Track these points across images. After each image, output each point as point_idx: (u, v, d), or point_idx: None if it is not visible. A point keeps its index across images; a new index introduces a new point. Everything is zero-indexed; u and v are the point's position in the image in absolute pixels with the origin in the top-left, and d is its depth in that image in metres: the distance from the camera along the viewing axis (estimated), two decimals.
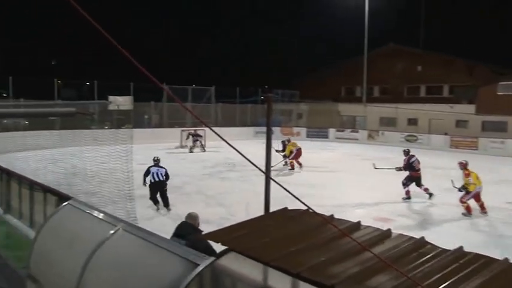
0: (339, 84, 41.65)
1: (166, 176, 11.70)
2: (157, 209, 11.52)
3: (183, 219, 5.62)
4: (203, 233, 4.85)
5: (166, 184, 11.71)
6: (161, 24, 64.04)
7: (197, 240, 4.63)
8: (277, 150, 17.50)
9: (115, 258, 3.78)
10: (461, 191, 11.60)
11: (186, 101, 30.99)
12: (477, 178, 11.59)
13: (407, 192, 13.32)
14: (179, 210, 10.38)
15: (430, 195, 13.16)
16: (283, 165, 18.57)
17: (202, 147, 25.66)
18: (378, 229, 3.96)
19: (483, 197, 11.65)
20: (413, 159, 13.47)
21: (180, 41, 59.44)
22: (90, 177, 12.28)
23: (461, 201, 11.55)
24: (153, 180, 11.61)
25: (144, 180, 11.76)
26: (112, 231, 3.96)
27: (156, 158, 12.25)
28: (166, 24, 63.31)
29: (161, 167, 11.88)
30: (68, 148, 16.28)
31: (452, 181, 11.91)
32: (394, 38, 38.18)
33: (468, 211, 11.49)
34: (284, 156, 18.69)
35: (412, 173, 13.32)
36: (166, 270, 3.35)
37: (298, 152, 18.69)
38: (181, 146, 26.50)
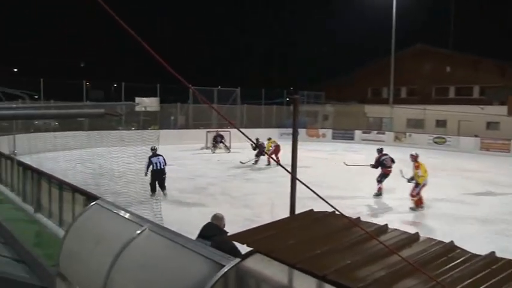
0: (365, 85, 41.27)
1: (165, 162, 12.97)
2: (151, 195, 12.38)
3: (208, 220, 5.64)
4: (228, 234, 4.85)
5: (165, 172, 12.94)
6: (185, 24, 64.60)
7: (222, 241, 4.64)
8: (254, 148, 19.22)
9: (141, 258, 3.82)
10: (410, 182, 12.18)
11: (212, 102, 31.18)
12: (425, 171, 12.17)
13: (379, 189, 13.95)
14: (204, 211, 10.45)
15: (377, 194, 13.83)
16: (253, 163, 20.00)
17: (227, 147, 25.79)
18: (405, 232, 3.89)
19: None
20: (384, 157, 14.33)
21: (205, 43, 59.91)
22: (117, 177, 12.46)
23: (411, 195, 12.01)
24: (155, 168, 12.78)
25: (147, 171, 12.79)
26: (138, 231, 4.00)
27: (153, 147, 13.07)
28: (190, 24, 63.85)
29: (159, 155, 13.01)
30: (95, 148, 16.57)
31: (401, 171, 11.90)
32: (422, 38, 37.68)
33: (417, 204, 11.84)
34: (258, 153, 20.03)
35: (384, 170, 14.08)
36: (192, 270, 3.36)
37: (276, 149, 19.90)
38: (207, 147, 26.67)
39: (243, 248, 3.60)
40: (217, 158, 23.09)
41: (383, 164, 14.17)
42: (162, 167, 12.88)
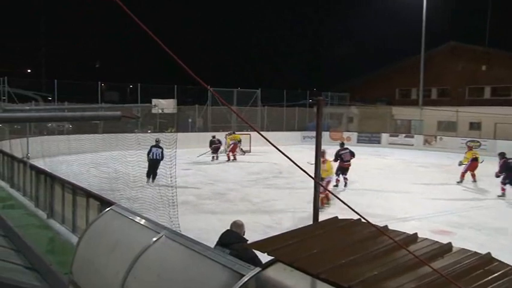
0: (393, 86, 40.89)
1: (162, 155, 15.04)
2: (147, 181, 14.52)
3: (228, 228, 5.65)
4: (248, 242, 4.85)
5: (159, 162, 14.98)
6: (203, 23, 64.97)
7: (242, 249, 4.63)
8: (214, 147, 22.42)
9: (157, 266, 3.84)
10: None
11: (232, 104, 31.29)
12: (331, 168, 13.20)
13: (337, 181, 15.54)
14: (223, 218, 10.47)
15: (338, 185, 15.53)
16: (211, 160, 22.10)
17: (242, 150, 25.92)
18: (437, 242, 3.82)
19: None
20: (343, 152, 16.01)
21: (224, 42, 60.17)
22: (133, 182, 12.59)
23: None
24: (152, 158, 15.18)
25: (148, 157, 15.16)
26: (155, 238, 4.02)
27: (157, 139, 15.78)
28: (209, 22, 64.18)
29: (160, 147, 15.33)
30: (110, 152, 16.77)
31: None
32: (455, 35, 37.18)
33: (322, 202, 11.76)
34: (214, 150, 23.12)
35: (341, 164, 15.74)
36: (210, 280, 3.37)
37: (235, 146, 23.55)
38: (225, 151, 26.76)
39: (264, 257, 3.59)
40: (237, 162, 23.14)
41: (341, 158, 15.77)
42: (158, 157, 15.10)
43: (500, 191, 14.32)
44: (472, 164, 16.80)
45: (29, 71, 50.94)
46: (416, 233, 4.00)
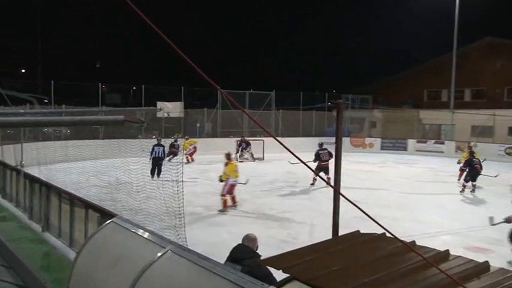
0: (421, 87, 40.70)
1: (164, 153, 18.27)
2: (151, 178, 16.57)
3: (239, 242, 5.64)
4: (261, 257, 4.84)
5: (163, 159, 18.05)
6: (213, 21, 65.25)
7: (255, 265, 4.63)
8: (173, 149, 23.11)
9: (163, 283, 3.85)
10: (221, 181, 14.06)
11: (244, 107, 31.34)
12: (234, 171, 14.13)
13: (314, 179, 17.67)
14: (234, 231, 10.47)
15: (311, 184, 17.84)
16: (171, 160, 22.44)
17: (252, 157, 25.98)
18: (472, 260, 3.77)
19: None
20: (322, 151, 18.39)
21: (235, 40, 60.33)
22: (136, 192, 12.64)
23: (221, 195, 13.75)
24: (155, 156, 17.97)
25: (150, 156, 17.74)
26: (160, 254, 4.03)
27: (159, 138, 19.15)
28: (219, 20, 64.43)
29: (162, 146, 18.43)
30: (112, 159, 16.87)
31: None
32: (491, 30, 36.81)
33: (225, 205, 13.53)
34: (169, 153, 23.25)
35: (319, 164, 17.92)
36: None
37: (195, 150, 25.87)
38: (237, 159, 26.83)
39: (279, 274, 3.58)
40: (249, 171, 23.14)
41: (319, 158, 18.08)
42: (161, 155, 18.11)
43: (462, 186, 17.22)
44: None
45: (23, 71, 51.53)
46: (447, 250, 3.96)
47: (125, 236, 4.69)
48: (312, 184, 17.80)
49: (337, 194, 6.11)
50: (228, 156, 14.83)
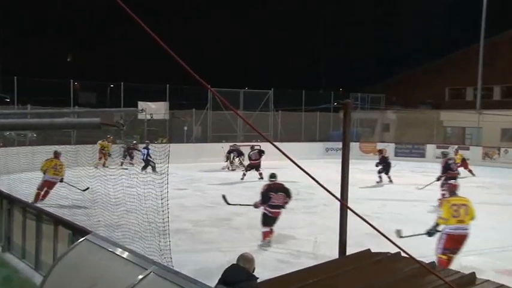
0: (442, 85, 40.81)
1: (148, 155, 22.55)
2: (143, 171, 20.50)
3: (233, 262, 5.64)
4: (259, 280, 4.84)
5: (150, 160, 22.29)
6: (204, 10, 65.08)
7: None
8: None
9: None
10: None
11: (238, 108, 31.37)
12: (52, 167, 15.83)
13: (244, 175, 23.16)
14: (227, 250, 10.45)
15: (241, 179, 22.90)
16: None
17: (242, 164, 26.18)
18: (503, 286, 3.79)
19: None
20: (252, 151, 24.00)
21: (228, 32, 60.16)
22: (114, 205, 12.60)
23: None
24: (143, 158, 23.00)
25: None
26: (141, 276, 4.03)
27: (146, 141, 24.30)
28: (209, 9, 64.21)
29: (149, 149, 22.57)
30: (86, 168, 16.83)
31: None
32: None
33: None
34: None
35: (251, 162, 23.88)
36: None
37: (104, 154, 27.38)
38: (228, 167, 26.87)
39: None
40: (245, 182, 23.17)
41: (250, 158, 24.07)
42: (145, 158, 22.84)
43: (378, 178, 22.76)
44: (464, 164, 24.58)
45: None
46: (473, 273, 3.98)
47: (101, 256, 4.68)
48: (242, 179, 22.98)
49: (344, 208, 6.13)
50: (55, 154, 16.61)
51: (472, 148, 33.06)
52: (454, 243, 9.41)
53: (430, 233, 9.92)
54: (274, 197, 12.50)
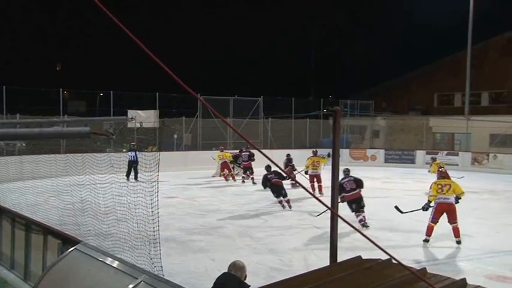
0: (431, 91, 41.03)
1: (136, 157, 22.27)
2: (127, 179, 21.12)
3: (224, 270, 5.63)
4: None
5: (137, 163, 21.63)
6: (192, 18, 64.98)
7: None
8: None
9: None
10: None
11: (227, 116, 31.37)
12: None
13: (243, 177, 24.74)
14: (218, 258, 10.43)
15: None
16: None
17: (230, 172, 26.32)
18: None
19: None
20: (243, 153, 25.01)
21: (217, 40, 60.15)
22: (104, 214, 12.56)
23: None
24: (130, 160, 22.82)
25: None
26: (131, 285, 4.02)
27: (132, 143, 24.44)
28: (198, 17, 64.20)
29: (134, 151, 23.22)
30: (75, 177, 16.75)
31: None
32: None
33: None
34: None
35: (243, 165, 25.05)
36: None
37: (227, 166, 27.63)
38: (220, 174, 26.82)
39: None
40: (234, 188, 23.16)
41: (242, 160, 25.14)
42: (134, 159, 22.59)
43: None
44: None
45: None
46: (464, 279, 3.99)
47: (91, 265, 4.67)
48: (226, 180, 25.18)
49: (334, 216, 6.15)
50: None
51: (461, 154, 33.23)
52: (440, 213, 12.47)
53: (424, 208, 12.89)
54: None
